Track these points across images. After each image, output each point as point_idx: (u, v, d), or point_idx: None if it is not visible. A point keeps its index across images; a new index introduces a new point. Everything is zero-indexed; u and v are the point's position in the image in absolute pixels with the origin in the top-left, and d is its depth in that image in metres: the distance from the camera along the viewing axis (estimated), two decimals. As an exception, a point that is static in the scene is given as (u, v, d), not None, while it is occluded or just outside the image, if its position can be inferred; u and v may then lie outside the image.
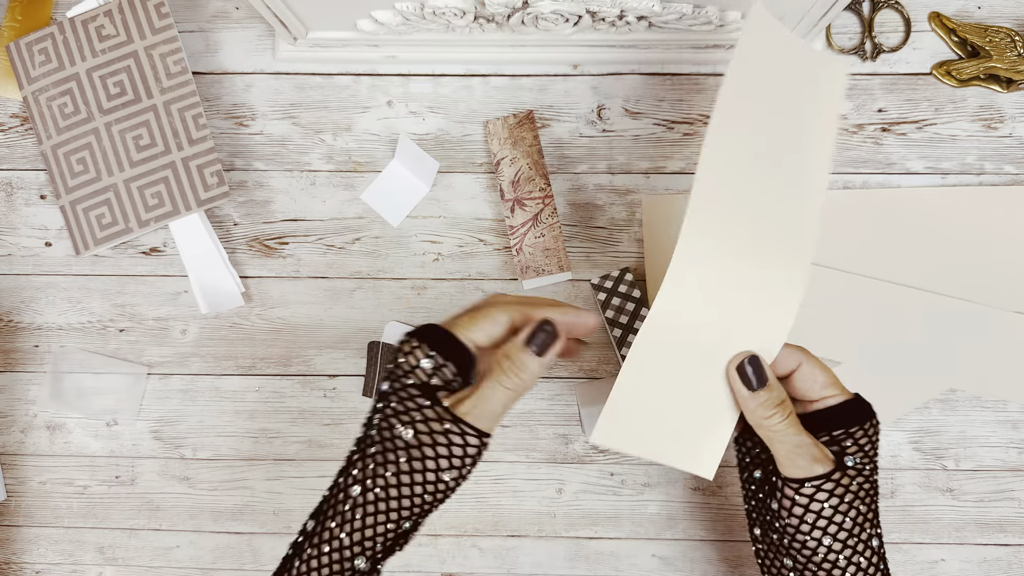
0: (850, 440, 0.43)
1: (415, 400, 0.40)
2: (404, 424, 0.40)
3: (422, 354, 0.41)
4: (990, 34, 0.61)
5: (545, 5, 0.55)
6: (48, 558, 0.62)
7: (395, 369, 0.41)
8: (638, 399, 0.45)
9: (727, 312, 0.45)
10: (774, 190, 0.45)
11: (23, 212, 0.63)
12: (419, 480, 0.39)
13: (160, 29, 0.59)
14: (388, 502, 0.39)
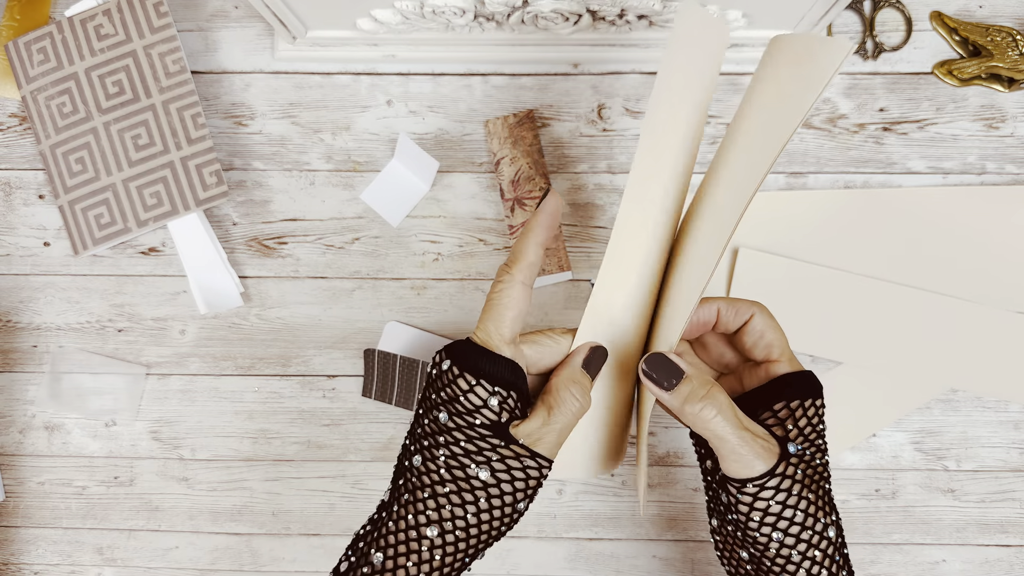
0: (791, 422, 0.41)
1: (487, 440, 0.39)
2: (479, 464, 0.39)
3: (484, 392, 0.39)
4: (992, 33, 0.61)
5: (545, 4, 0.54)
6: (47, 559, 0.61)
7: (454, 401, 0.39)
8: (590, 424, 0.44)
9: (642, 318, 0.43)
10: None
11: (21, 212, 0.63)
12: (497, 516, 0.39)
13: (159, 28, 0.59)
14: (468, 540, 0.39)
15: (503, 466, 0.39)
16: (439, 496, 0.39)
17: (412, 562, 0.38)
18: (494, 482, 0.39)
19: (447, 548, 0.38)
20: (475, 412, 0.39)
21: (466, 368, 0.39)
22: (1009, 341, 0.59)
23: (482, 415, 0.39)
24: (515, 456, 0.39)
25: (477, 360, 0.39)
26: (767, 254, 0.60)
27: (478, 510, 0.39)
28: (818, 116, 0.61)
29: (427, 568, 0.38)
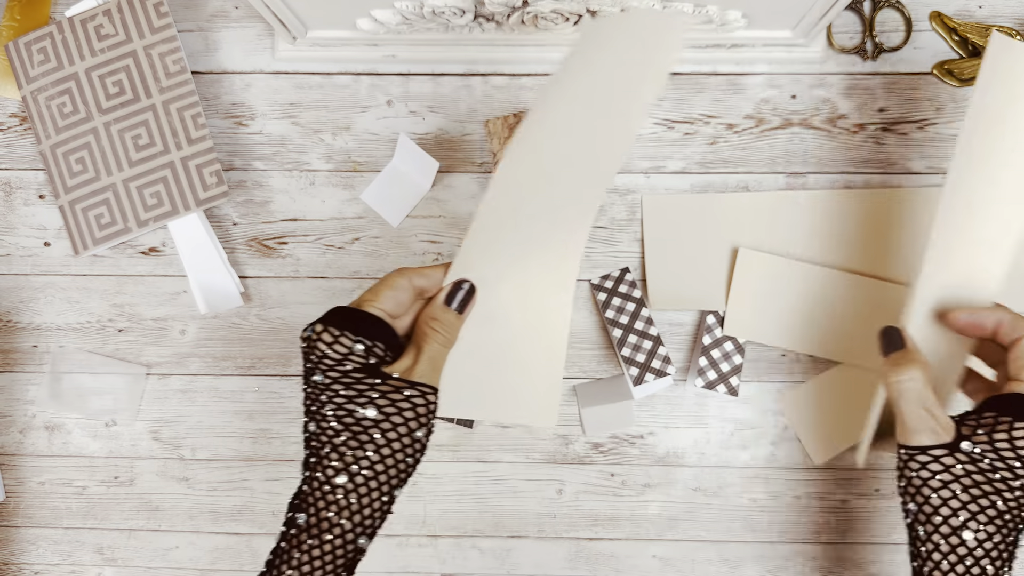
0: (985, 428, 0.43)
1: (364, 382, 0.42)
2: (362, 405, 0.42)
3: (349, 340, 0.43)
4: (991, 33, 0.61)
5: (545, 4, 0.54)
6: (47, 558, 0.61)
7: (322, 360, 0.43)
8: (460, 365, 0.48)
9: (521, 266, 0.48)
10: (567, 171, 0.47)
11: (22, 212, 0.63)
12: (398, 448, 0.42)
13: (159, 28, 0.59)
14: (377, 477, 0.41)
15: (386, 400, 0.42)
16: (339, 447, 0.42)
17: (332, 511, 0.41)
18: (383, 417, 0.42)
19: (360, 490, 0.41)
20: (344, 360, 0.42)
21: (329, 325, 0.43)
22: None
23: (352, 361, 0.43)
24: (395, 389, 0.42)
25: (338, 319, 0.43)
26: (767, 254, 0.60)
27: (376, 447, 0.41)
28: (818, 116, 0.61)
29: (347, 513, 0.41)
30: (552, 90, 0.46)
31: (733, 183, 0.61)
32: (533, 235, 0.49)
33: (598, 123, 0.47)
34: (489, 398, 0.49)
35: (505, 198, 0.47)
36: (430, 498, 0.61)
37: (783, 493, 0.60)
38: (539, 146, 0.47)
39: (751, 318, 0.59)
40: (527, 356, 0.49)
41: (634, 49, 0.46)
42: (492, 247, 0.48)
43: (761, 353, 0.60)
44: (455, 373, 0.48)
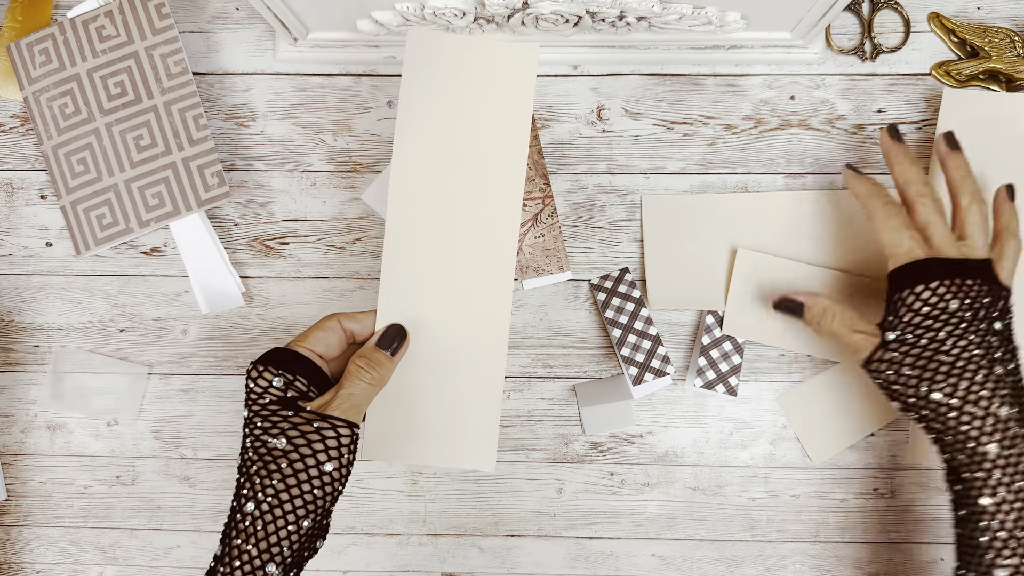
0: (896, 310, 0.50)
1: (278, 414, 0.45)
2: (274, 436, 0.44)
3: (271, 375, 0.46)
4: (989, 34, 0.61)
5: (545, 6, 0.55)
6: (48, 558, 0.62)
7: (249, 395, 0.46)
8: (396, 409, 0.50)
9: (449, 310, 0.50)
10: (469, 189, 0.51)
11: (24, 212, 0.63)
12: (304, 478, 0.44)
13: (161, 30, 0.59)
14: (282, 506, 0.43)
15: (296, 432, 0.44)
16: (252, 476, 0.44)
17: (240, 539, 0.43)
18: (292, 448, 0.44)
19: (264, 517, 0.43)
20: (263, 394, 0.46)
21: (259, 363, 0.46)
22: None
23: (270, 394, 0.46)
24: (306, 421, 0.44)
25: (266, 356, 0.47)
26: (767, 254, 0.60)
27: (283, 475, 0.43)
28: (816, 117, 0.62)
29: (253, 540, 0.42)
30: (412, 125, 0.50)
31: (732, 184, 0.61)
32: (449, 274, 0.51)
33: (479, 148, 0.50)
34: (427, 442, 0.51)
35: (403, 238, 0.50)
36: (430, 497, 0.61)
37: (782, 492, 0.60)
38: (421, 182, 0.50)
39: (750, 318, 0.60)
40: (464, 398, 0.51)
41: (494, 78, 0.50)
42: (410, 289, 0.50)
43: (760, 352, 0.61)
44: (392, 418, 0.50)
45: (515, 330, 0.61)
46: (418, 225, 0.50)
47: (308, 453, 0.44)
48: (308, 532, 0.44)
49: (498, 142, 0.51)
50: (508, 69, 0.51)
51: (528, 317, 0.61)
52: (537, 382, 0.61)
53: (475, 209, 0.50)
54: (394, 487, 0.61)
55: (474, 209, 0.50)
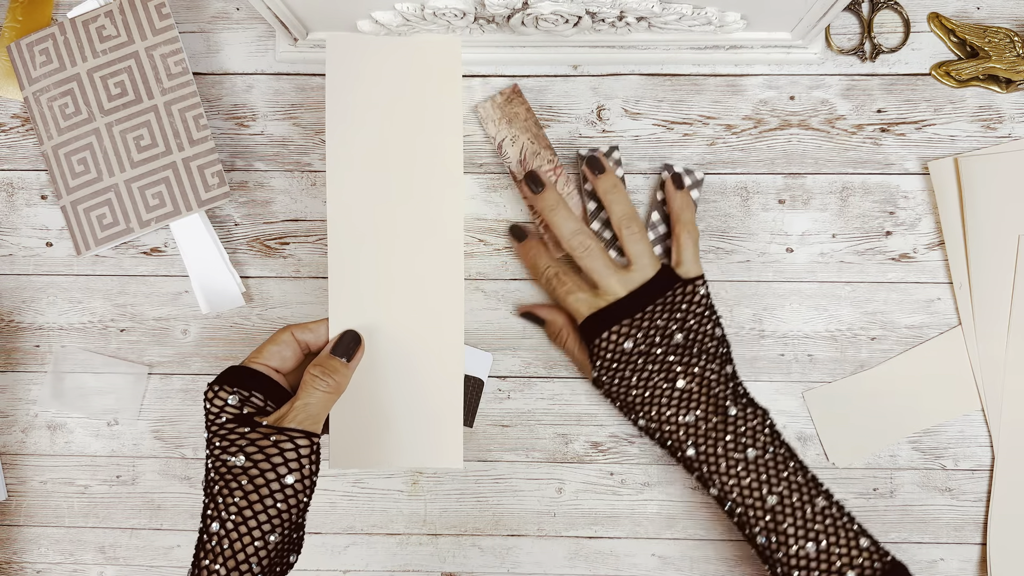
0: (597, 359, 0.55)
1: (235, 432, 0.45)
2: (232, 454, 0.44)
3: (226, 393, 0.46)
4: (989, 35, 0.61)
5: (545, 6, 0.55)
6: (49, 557, 0.62)
7: (208, 415, 0.46)
8: (360, 414, 0.50)
9: (402, 311, 0.51)
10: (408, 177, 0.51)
11: (24, 212, 0.63)
12: (266, 493, 0.44)
13: (161, 30, 0.59)
14: (247, 523, 0.43)
15: (254, 448, 0.44)
16: (216, 496, 0.44)
17: (209, 559, 0.43)
18: (251, 464, 0.44)
19: (230, 535, 0.43)
20: (220, 413, 0.46)
21: (212, 384, 0.47)
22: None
23: (225, 412, 0.46)
24: (263, 436, 0.44)
25: (222, 376, 0.47)
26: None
27: (244, 492, 0.43)
28: (816, 117, 0.62)
29: (221, 559, 0.43)
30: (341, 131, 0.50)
31: (732, 184, 0.62)
32: (398, 274, 0.50)
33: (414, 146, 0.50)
34: (393, 445, 0.51)
35: (346, 244, 0.50)
36: (430, 497, 0.61)
37: (782, 492, 0.60)
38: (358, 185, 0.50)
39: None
40: (425, 398, 0.51)
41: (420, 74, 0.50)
42: (360, 294, 0.50)
43: (760, 352, 0.61)
44: (356, 425, 0.50)
45: (515, 330, 0.61)
46: (360, 229, 0.50)
47: (267, 468, 0.44)
48: (277, 547, 0.45)
49: (432, 138, 0.50)
50: (433, 64, 0.51)
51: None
52: (537, 382, 0.61)
53: (417, 206, 0.51)
54: (394, 487, 0.61)
55: (416, 206, 0.51)
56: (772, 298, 0.61)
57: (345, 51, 0.50)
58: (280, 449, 0.44)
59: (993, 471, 0.59)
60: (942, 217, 0.60)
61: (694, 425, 0.52)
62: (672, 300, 0.54)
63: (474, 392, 0.59)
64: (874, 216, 0.61)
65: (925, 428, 0.60)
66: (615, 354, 0.53)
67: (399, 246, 0.50)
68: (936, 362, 0.60)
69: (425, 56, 0.50)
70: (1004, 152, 0.60)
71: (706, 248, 0.61)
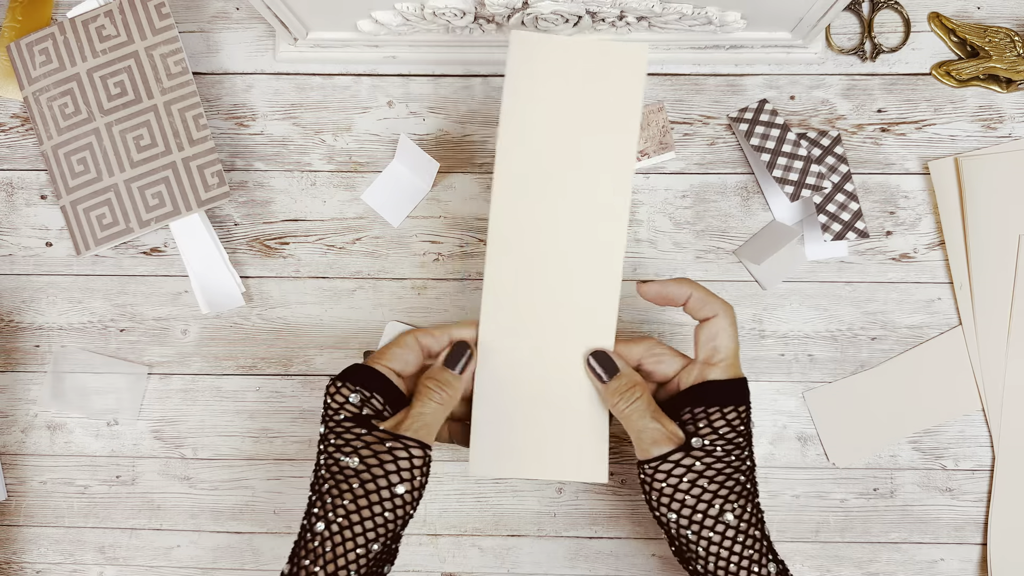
0: (704, 421, 0.45)
1: (352, 431, 0.44)
2: (347, 455, 0.43)
3: (348, 391, 0.45)
4: (989, 34, 0.61)
5: (545, 6, 0.55)
6: (48, 558, 0.62)
7: (326, 410, 0.45)
8: (503, 421, 0.48)
9: (551, 319, 0.48)
10: (576, 186, 0.48)
11: (24, 212, 0.63)
12: (375, 500, 0.43)
13: (161, 29, 0.59)
14: (352, 528, 0.42)
15: (369, 452, 0.43)
16: (324, 494, 0.43)
17: (309, 560, 0.42)
18: (364, 468, 0.43)
19: (334, 538, 0.42)
20: (339, 410, 0.45)
21: (335, 380, 0.46)
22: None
23: (345, 410, 0.45)
24: (379, 441, 0.43)
25: (345, 373, 0.46)
26: (766, 254, 0.60)
27: (354, 496, 0.42)
28: (816, 117, 0.62)
29: (321, 562, 0.41)
30: (516, 130, 0.47)
31: (732, 184, 0.62)
32: (553, 277, 0.48)
33: (585, 151, 0.48)
34: (536, 455, 0.48)
35: (507, 247, 0.48)
36: (430, 497, 0.61)
37: (781, 492, 0.60)
38: (525, 187, 0.48)
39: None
40: (571, 409, 0.49)
41: (600, 79, 0.48)
42: (514, 297, 0.48)
43: (760, 353, 0.61)
44: (499, 432, 0.48)
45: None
46: (522, 229, 0.48)
47: (380, 474, 0.43)
48: (377, 556, 0.43)
49: (606, 141, 0.48)
50: (616, 69, 0.48)
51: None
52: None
53: (581, 210, 0.48)
54: (394, 487, 0.61)
55: (580, 210, 0.48)
56: (772, 298, 0.61)
57: (529, 48, 0.47)
58: (394, 456, 0.43)
59: (993, 471, 0.59)
60: (942, 217, 0.60)
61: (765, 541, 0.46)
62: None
63: None
64: (874, 216, 0.61)
65: (925, 428, 0.60)
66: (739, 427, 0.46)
67: (558, 248, 0.48)
68: (936, 362, 0.60)
69: (609, 60, 0.48)
70: (1004, 152, 0.60)
71: (706, 248, 0.61)
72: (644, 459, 0.46)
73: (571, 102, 0.48)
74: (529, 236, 0.48)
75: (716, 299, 0.47)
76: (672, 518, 0.45)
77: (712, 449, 0.45)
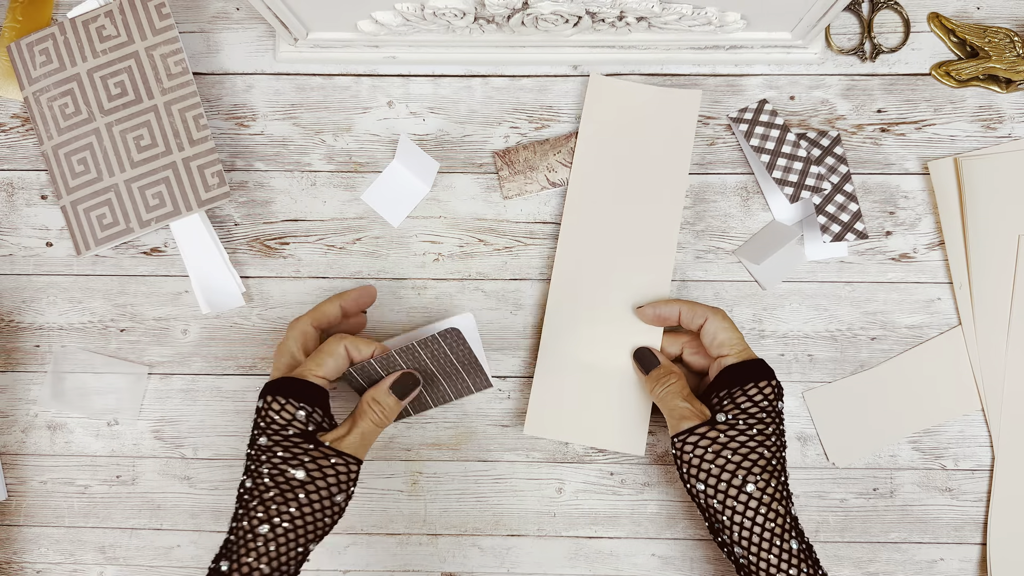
0: (728, 400, 0.51)
1: (299, 446, 0.48)
2: (294, 467, 0.47)
3: (293, 407, 0.49)
4: (989, 34, 0.61)
5: (545, 6, 0.55)
6: (49, 557, 0.62)
7: (269, 424, 0.49)
8: (559, 391, 0.57)
9: (606, 313, 0.58)
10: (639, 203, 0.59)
11: (24, 212, 0.63)
12: (318, 508, 0.48)
13: (161, 30, 0.59)
14: (296, 531, 0.47)
15: (315, 465, 0.48)
16: (266, 501, 0.47)
17: (252, 557, 0.46)
18: (310, 480, 0.47)
19: (279, 540, 0.46)
20: (287, 425, 0.49)
21: (278, 394, 0.49)
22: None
23: (293, 426, 0.49)
24: (324, 456, 0.48)
25: (287, 387, 0.50)
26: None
27: (299, 504, 0.47)
28: (816, 117, 0.62)
29: (266, 559, 0.46)
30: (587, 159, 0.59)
31: (732, 184, 0.62)
32: (612, 285, 0.58)
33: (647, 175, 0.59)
34: (586, 424, 0.57)
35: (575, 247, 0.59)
36: (430, 496, 0.61)
37: (782, 492, 0.60)
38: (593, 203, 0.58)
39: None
40: (623, 390, 0.57)
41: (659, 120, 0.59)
42: (572, 298, 0.58)
43: (760, 352, 0.61)
44: (555, 398, 0.57)
45: (515, 330, 0.61)
46: (586, 236, 0.59)
47: (323, 486, 0.48)
48: (309, 553, 0.48)
49: (663, 170, 0.59)
50: (674, 110, 0.59)
51: (528, 317, 0.61)
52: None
53: (640, 222, 0.59)
54: (394, 487, 0.61)
55: (639, 222, 0.59)
56: (772, 298, 0.61)
57: (602, 88, 0.60)
58: (336, 471, 0.48)
59: (993, 471, 0.59)
60: (942, 217, 0.60)
61: (795, 520, 0.49)
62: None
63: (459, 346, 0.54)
64: (874, 216, 0.61)
65: (925, 428, 0.60)
66: (767, 405, 0.50)
67: (617, 250, 0.58)
68: (936, 362, 0.60)
69: (668, 103, 0.59)
70: (1004, 152, 0.60)
71: (706, 248, 0.61)
72: (675, 433, 0.51)
73: (636, 132, 0.59)
74: (592, 240, 0.58)
75: (703, 306, 0.54)
76: (700, 488, 0.49)
77: (735, 423, 0.50)
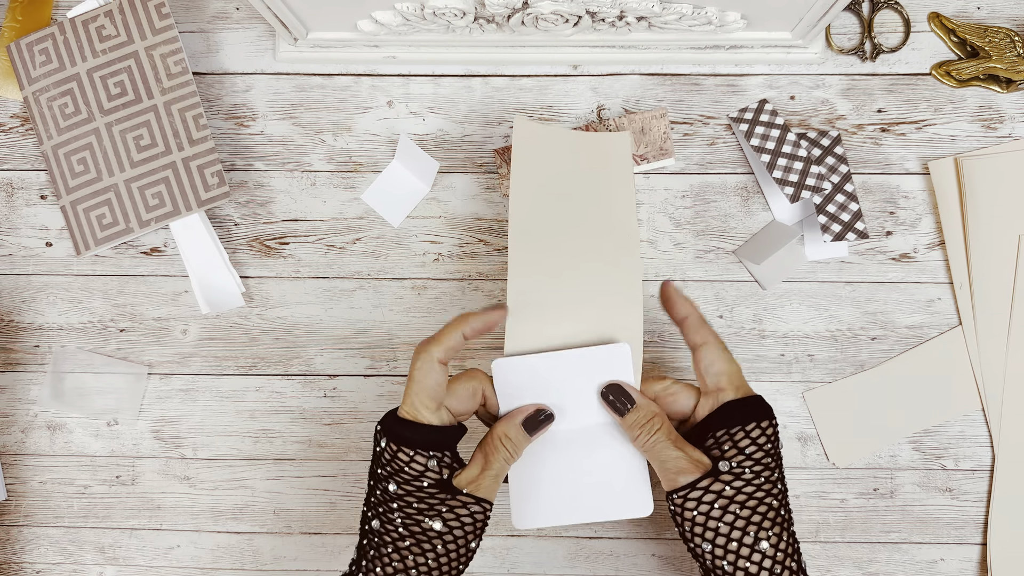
0: (728, 443, 0.44)
1: (436, 497, 0.45)
2: (431, 518, 0.44)
3: (424, 458, 0.45)
4: (989, 34, 0.61)
5: (545, 6, 0.55)
6: (48, 558, 0.62)
7: (399, 471, 0.45)
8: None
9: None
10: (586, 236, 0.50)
11: (24, 212, 0.63)
12: (454, 557, 0.45)
13: (161, 29, 0.59)
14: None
15: (452, 515, 0.45)
16: (401, 550, 0.44)
17: None
18: (447, 530, 0.44)
19: None
20: (420, 477, 0.45)
21: (403, 443, 0.45)
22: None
23: (427, 478, 0.45)
24: (462, 504, 0.45)
25: (411, 435, 0.45)
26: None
27: (436, 555, 0.44)
28: (816, 117, 0.62)
29: None
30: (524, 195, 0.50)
31: (732, 183, 0.62)
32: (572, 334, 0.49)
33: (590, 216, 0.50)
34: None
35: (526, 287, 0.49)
36: (430, 497, 0.61)
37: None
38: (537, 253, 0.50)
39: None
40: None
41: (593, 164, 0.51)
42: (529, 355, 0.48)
43: (759, 353, 0.61)
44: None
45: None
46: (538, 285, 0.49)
47: (460, 535, 0.45)
48: None
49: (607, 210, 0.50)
50: (606, 152, 0.52)
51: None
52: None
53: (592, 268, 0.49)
54: (394, 487, 0.61)
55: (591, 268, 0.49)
56: (772, 298, 0.61)
57: (530, 134, 0.52)
58: (473, 519, 0.45)
59: (993, 471, 0.59)
60: (942, 217, 0.60)
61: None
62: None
63: None
64: (874, 216, 0.61)
65: (925, 428, 0.60)
66: (768, 446, 0.45)
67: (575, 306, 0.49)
68: (936, 362, 0.60)
69: (600, 146, 0.52)
70: (1004, 152, 0.60)
71: (706, 248, 0.61)
72: (672, 489, 0.44)
73: (571, 176, 0.51)
74: (544, 288, 0.49)
75: (709, 327, 0.47)
76: (707, 548, 0.43)
77: (740, 472, 0.43)
